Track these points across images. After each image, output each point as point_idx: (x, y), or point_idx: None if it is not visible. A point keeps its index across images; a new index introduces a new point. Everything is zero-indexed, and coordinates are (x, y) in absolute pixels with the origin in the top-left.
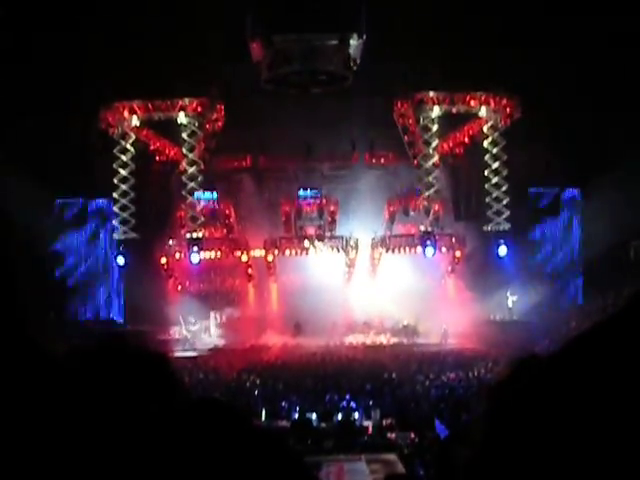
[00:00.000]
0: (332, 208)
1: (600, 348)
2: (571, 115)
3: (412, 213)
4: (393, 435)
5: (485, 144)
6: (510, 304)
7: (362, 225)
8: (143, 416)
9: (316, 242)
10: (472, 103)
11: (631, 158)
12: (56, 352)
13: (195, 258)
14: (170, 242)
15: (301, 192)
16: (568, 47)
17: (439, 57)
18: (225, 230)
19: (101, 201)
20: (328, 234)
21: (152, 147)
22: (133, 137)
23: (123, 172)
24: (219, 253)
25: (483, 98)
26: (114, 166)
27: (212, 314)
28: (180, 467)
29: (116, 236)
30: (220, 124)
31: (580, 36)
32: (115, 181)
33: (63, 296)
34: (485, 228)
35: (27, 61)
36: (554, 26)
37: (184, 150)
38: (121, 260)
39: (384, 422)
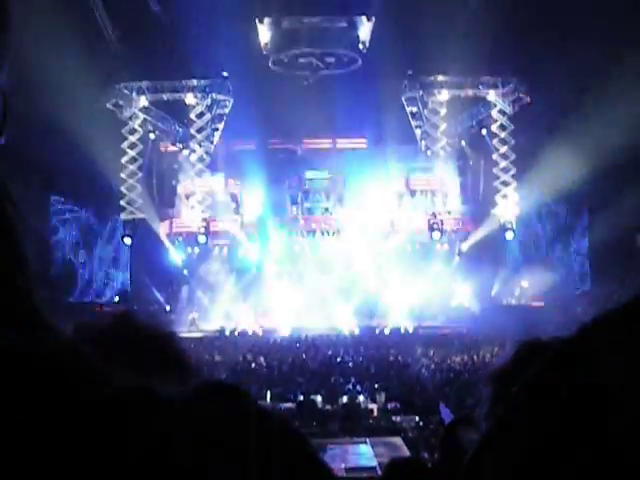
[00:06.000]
0: (339, 189)
1: (610, 335)
2: (580, 100)
3: (419, 196)
4: (398, 418)
5: (493, 128)
6: (517, 289)
7: (369, 207)
8: (150, 397)
9: (323, 224)
10: (480, 87)
11: None
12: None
13: (202, 239)
14: (177, 223)
15: (308, 173)
16: (577, 30)
17: (448, 41)
18: (232, 211)
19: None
20: (335, 216)
21: (160, 128)
22: (141, 118)
23: (131, 152)
24: (226, 234)
25: (492, 82)
26: (122, 146)
27: (218, 295)
28: (185, 451)
29: (123, 216)
30: (228, 105)
31: (591, 19)
32: (123, 161)
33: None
34: (492, 212)
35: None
36: (566, 9)
37: (192, 131)
38: (128, 240)
39: (389, 405)
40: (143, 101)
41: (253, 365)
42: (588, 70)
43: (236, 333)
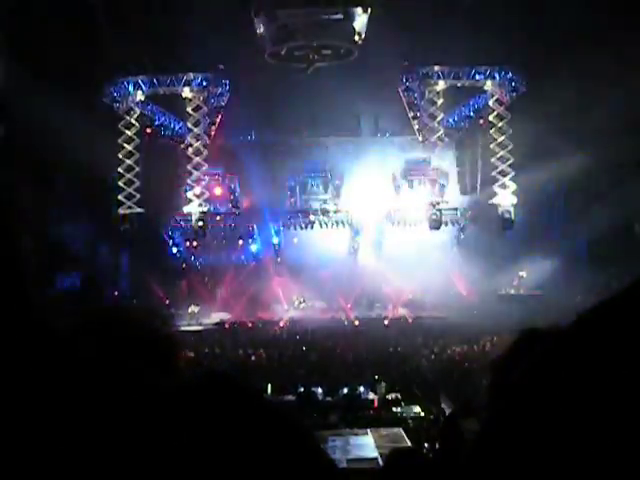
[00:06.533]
0: (337, 182)
1: (607, 325)
2: (578, 88)
3: (417, 187)
4: (398, 409)
5: (490, 118)
6: (516, 278)
7: (367, 199)
8: (147, 391)
9: (321, 216)
10: (477, 77)
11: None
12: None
13: (200, 232)
14: (175, 217)
15: (306, 166)
16: (575, 20)
17: (444, 31)
18: (230, 205)
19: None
20: (333, 208)
21: (157, 122)
22: (138, 112)
23: (128, 147)
24: (224, 227)
25: (488, 72)
26: (119, 141)
27: (217, 288)
28: (187, 444)
29: (121, 211)
30: (225, 98)
31: (588, 11)
32: (120, 156)
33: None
34: (491, 202)
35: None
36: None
37: (189, 124)
38: (127, 235)
39: (389, 396)
40: (140, 95)
41: (253, 358)
42: (585, 59)
43: (236, 326)
